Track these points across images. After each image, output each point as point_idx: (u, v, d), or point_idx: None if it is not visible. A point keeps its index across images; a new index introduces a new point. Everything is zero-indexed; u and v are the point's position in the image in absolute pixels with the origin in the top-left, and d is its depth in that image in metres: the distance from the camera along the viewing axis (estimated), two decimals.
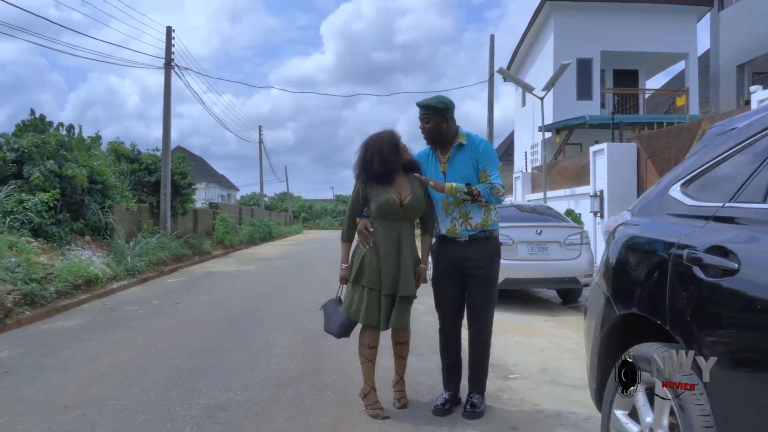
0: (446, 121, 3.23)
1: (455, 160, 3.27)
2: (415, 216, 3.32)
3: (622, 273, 2.21)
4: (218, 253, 18.26)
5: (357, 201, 3.28)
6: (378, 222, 3.23)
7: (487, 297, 3.28)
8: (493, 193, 3.13)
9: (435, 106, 3.20)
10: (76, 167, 11.97)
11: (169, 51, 16.26)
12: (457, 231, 3.26)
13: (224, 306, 7.23)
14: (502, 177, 3.25)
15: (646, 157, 10.30)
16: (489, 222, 3.27)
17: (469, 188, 3.13)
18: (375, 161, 3.17)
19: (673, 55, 18.23)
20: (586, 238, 7.05)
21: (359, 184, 3.28)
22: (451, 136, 3.28)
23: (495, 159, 3.25)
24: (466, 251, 3.24)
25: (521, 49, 20.73)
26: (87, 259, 10.88)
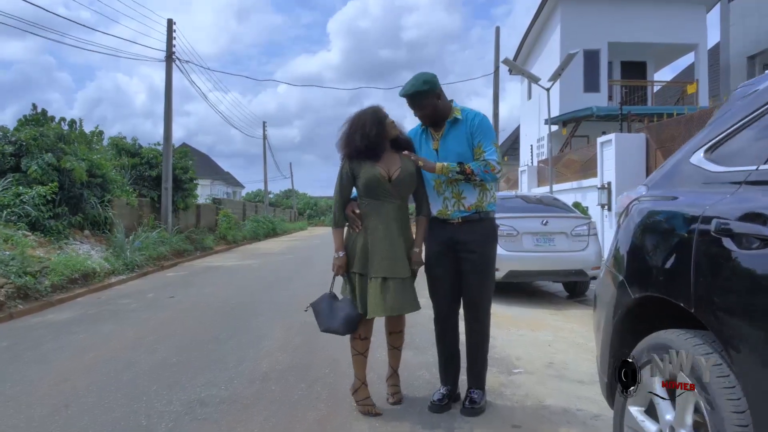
0: (439, 97, 3.00)
1: (449, 135, 3.04)
2: (406, 192, 3.07)
3: (638, 252, 1.97)
4: (220, 248, 18.07)
5: (344, 180, 3.04)
6: (367, 201, 3.00)
7: (483, 282, 3.04)
8: (488, 170, 2.89)
9: (422, 90, 2.94)
10: (75, 160, 11.82)
11: (170, 44, 16.07)
12: (449, 212, 3.04)
13: (220, 299, 7.02)
14: (498, 152, 2.99)
15: (656, 147, 10.00)
16: (484, 203, 3.04)
17: (461, 167, 2.90)
18: (357, 137, 2.95)
19: (683, 46, 17.86)
20: (593, 229, 6.79)
21: (345, 162, 3.04)
22: (446, 111, 3.05)
23: (491, 133, 2.99)
24: (459, 233, 3.02)
25: (527, 41, 20.41)
26: (85, 253, 10.74)
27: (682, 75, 22.18)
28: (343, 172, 3.03)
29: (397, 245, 2.95)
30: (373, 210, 2.98)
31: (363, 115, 2.99)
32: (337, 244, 3.03)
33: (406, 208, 3.11)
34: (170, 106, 16.05)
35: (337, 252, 3.01)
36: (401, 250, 2.97)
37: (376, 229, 2.95)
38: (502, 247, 6.77)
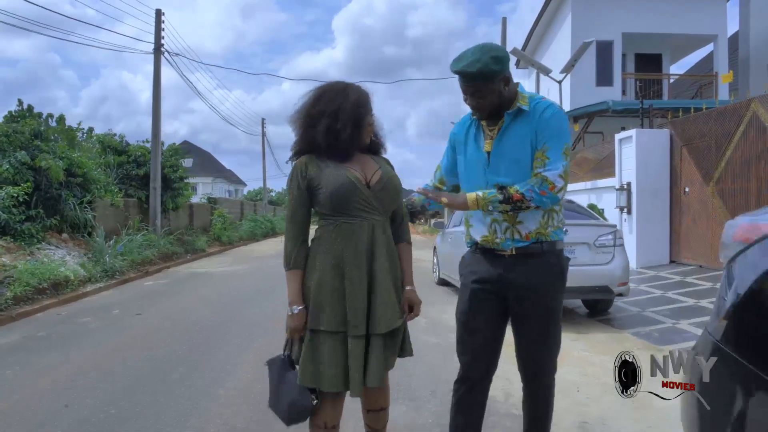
0: (507, 83, 2.08)
1: (508, 133, 2.11)
2: (391, 204, 2.13)
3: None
4: (214, 250, 17.26)
5: (298, 193, 2.04)
6: (333, 221, 2.04)
7: (545, 337, 2.17)
8: (545, 190, 1.98)
9: (489, 71, 1.99)
10: (51, 159, 11.00)
11: (158, 35, 15.23)
12: (498, 241, 2.14)
13: (191, 318, 6.16)
14: (567, 163, 2.06)
15: (681, 144, 9.09)
16: (548, 229, 2.13)
17: (504, 193, 2.01)
18: (322, 127, 2.00)
19: (701, 37, 16.89)
20: (620, 238, 5.91)
21: (299, 163, 2.07)
22: (509, 99, 2.11)
23: (563, 134, 2.07)
24: (512, 271, 2.13)
25: (535, 33, 19.47)
26: (59, 259, 9.92)
27: (698, 66, 21.22)
28: (298, 181, 2.04)
29: (385, 284, 2.03)
30: (343, 234, 2.02)
31: (339, 96, 2.03)
32: (293, 292, 2.03)
33: (389, 225, 2.15)
34: (158, 100, 15.22)
35: (292, 306, 2.01)
36: (391, 291, 2.05)
37: (353, 263, 2.00)
38: None
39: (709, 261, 8.37)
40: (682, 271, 8.56)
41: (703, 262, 8.53)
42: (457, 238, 7.68)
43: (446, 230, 8.68)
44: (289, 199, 2.08)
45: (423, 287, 9.27)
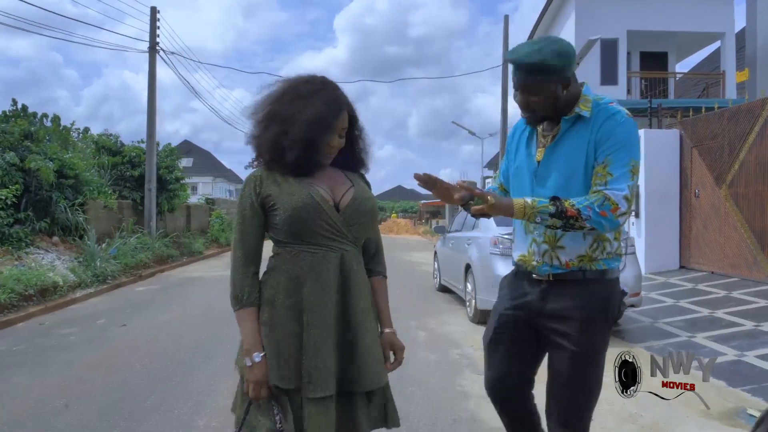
0: (567, 85, 1.77)
1: (563, 142, 1.82)
2: (364, 230, 1.71)
3: None
4: (211, 252, 16.97)
5: (251, 215, 1.63)
6: (290, 249, 1.63)
7: (579, 381, 1.82)
8: (606, 212, 1.65)
9: (547, 65, 1.72)
10: (41, 160, 10.70)
11: (153, 33, 14.92)
12: (535, 263, 1.86)
13: (176, 331, 5.83)
14: (634, 182, 1.72)
15: (691, 145, 8.75)
16: (598, 255, 1.81)
17: (557, 205, 1.68)
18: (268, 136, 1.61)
19: (708, 35, 16.52)
20: (631, 246, 5.58)
21: (253, 178, 1.65)
22: (570, 104, 1.81)
23: (630, 147, 1.73)
24: (546, 299, 1.85)
25: (538, 31, 19.10)
26: (48, 264, 9.62)
27: (703, 64, 20.87)
28: (251, 198, 1.62)
29: (360, 329, 1.63)
30: (302, 266, 1.60)
31: (301, 100, 1.60)
32: (250, 336, 1.59)
33: (361, 255, 1.73)
34: (154, 99, 14.91)
35: (252, 355, 1.57)
36: (367, 338, 1.65)
37: (314, 303, 1.58)
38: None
39: (722, 267, 8.03)
40: (693, 277, 8.23)
41: (715, 268, 8.20)
42: (458, 242, 7.36)
43: (447, 234, 8.36)
44: (238, 219, 1.64)
45: (423, 294, 9.04)
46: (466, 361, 4.66)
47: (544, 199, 1.72)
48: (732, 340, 5.09)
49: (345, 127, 1.66)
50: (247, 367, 1.58)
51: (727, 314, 5.97)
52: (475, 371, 4.31)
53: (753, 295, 6.65)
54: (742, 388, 3.96)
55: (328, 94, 1.63)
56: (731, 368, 4.37)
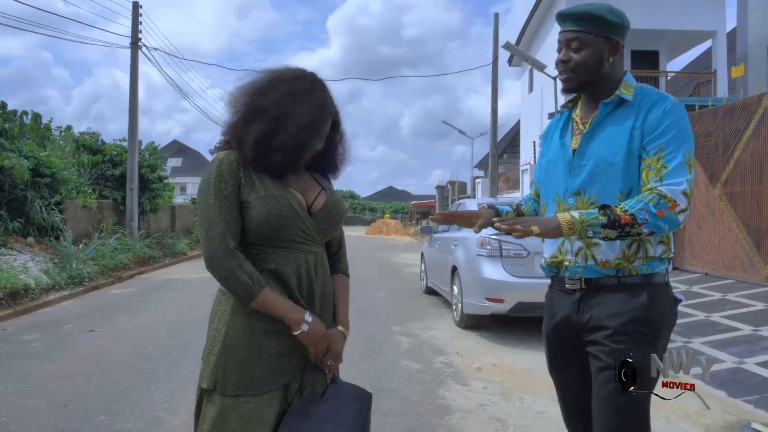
0: (613, 51, 1.64)
1: (602, 127, 1.64)
2: (332, 232, 1.66)
3: None
4: (196, 253, 16.57)
5: (235, 195, 1.48)
6: (257, 251, 1.51)
7: (618, 404, 1.55)
8: (663, 210, 1.45)
9: (601, 15, 1.61)
10: (16, 158, 10.34)
11: (135, 29, 14.54)
12: (567, 263, 1.67)
13: (146, 337, 5.49)
14: (692, 177, 1.52)
15: None
16: (636, 261, 1.59)
17: (608, 214, 1.47)
18: (253, 133, 1.47)
19: (699, 33, 16.38)
20: None
21: (228, 160, 1.49)
22: (611, 82, 1.65)
23: (685, 137, 1.54)
24: (580, 310, 1.65)
25: (528, 29, 18.88)
26: (21, 266, 9.24)
27: (695, 63, 20.79)
28: (234, 180, 1.48)
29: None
30: (271, 269, 1.50)
31: (291, 100, 1.48)
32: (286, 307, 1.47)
33: (326, 259, 1.66)
34: (136, 96, 14.54)
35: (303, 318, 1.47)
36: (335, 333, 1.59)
37: None
38: (509, 272, 5.31)
39: (717, 269, 7.80)
40: (688, 279, 7.99)
41: (709, 269, 7.97)
42: (445, 243, 7.08)
43: (434, 235, 8.08)
44: (218, 202, 1.46)
45: (409, 297, 8.74)
46: (450, 370, 4.36)
47: (593, 210, 1.51)
48: (730, 345, 4.84)
49: (327, 130, 1.58)
50: (301, 333, 1.47)
51: (724, 318, 5.73)
52: (459, 382, 4.02)
53: (749, 298, 6.41)
54: (743, 399, 3.70)
55: (319, 96, 1.53)
56: (731, 377, 4.12)
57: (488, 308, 5.38)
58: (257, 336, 1.47)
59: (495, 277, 5.32)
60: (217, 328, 1.52)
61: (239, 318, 1.49)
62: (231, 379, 1.45)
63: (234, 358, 1.47)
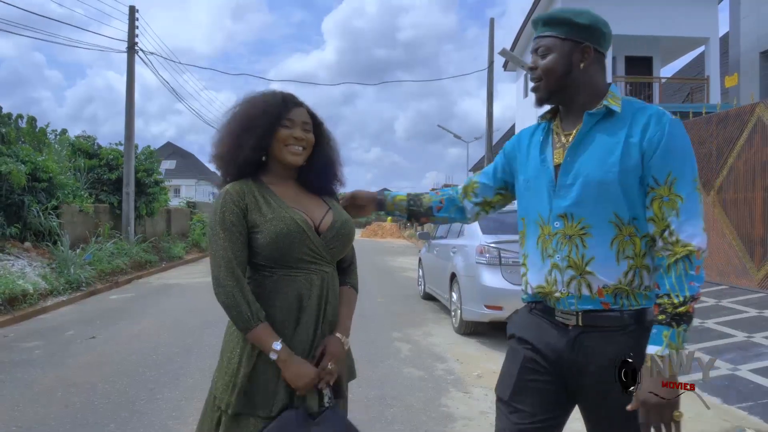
0: (584, 56, 1.49)
1: (589, 141, 1.48)
2: (342, 251, 1.69)
3: None
4: (192, 257, 16.59)
5: (240, 230, 1.53)
6: (267, 273, 1.57)
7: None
8: (699, 265, 1.36)
9: (567, 18, 1.48)
10: (13, 163, 10.33)
11: (132, 33, 14.54)
12: (558, 295, 1.49)
13: (148, 344, 5.53)
14: (701, 198, 1.43)
15: None
16: (636, 289, 1.44)
17: (675, 315, 1.34)
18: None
19: (692, 40, 16.57)
20: None
21: (235, 193, 1.56)
22: (590, 93, 1.51)
23: (690, 157, 1.42)
24: (576, 350, 1.47)
25: (524, 35, 19.03)
26: (18, 271, 9.23)
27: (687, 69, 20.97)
28: (236, 213, 1.53)
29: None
30: (281, 290, 1.56)
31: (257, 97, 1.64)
32: (270, 336, 1.49)
33: (337, 276, 1.70)
34: (132, 101, 14.54)
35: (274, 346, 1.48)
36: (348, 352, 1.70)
37: (295, 328, 1.56)
38: (508, 280, 5.39)
39: (710, 275, 7.91)
40: None
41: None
42: (443, 250, 7.15)
43: (432, 241, 8.15)
44: (223, 236, 1.52)
45: (407, 302, 8.79)
46: (451, 377, 4.44)
47: (665, 328, 1.33)
48: (724, 352, 4.94)
49: (306, 121, 1.62)
50: (280, 362, 1.49)
51: (718, 324, 5.82)
52: (461, 390, 4.10)
53: (743, 304, 6.52)
54: (738, 406, 3.79)
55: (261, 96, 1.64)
56: (725, 384, 4.21)
57: (487, 315, 5.47)
58: (269, 359, 1.51)
59: (494, 285, 5.41)
60: (232, 350, 1.56)
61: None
62: (247, 400, 1.50)
63: (248, 380, 1.51)
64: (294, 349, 1.52)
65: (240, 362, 1.52)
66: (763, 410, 3.68)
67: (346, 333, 1.66)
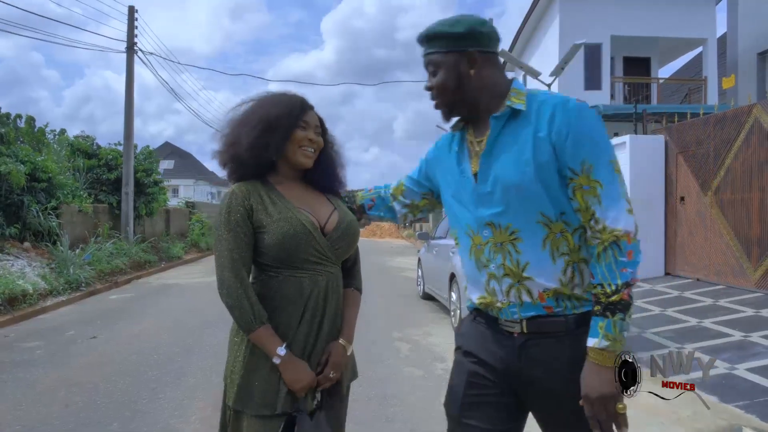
0: (472, 63, 1.43)
1: (500, 146, 1.43)
2: (348, 252, 1.70)
3: None
4: (191, 257, 16.62)
5: (245, 231, 1.55)
6: (273, 274, 1.59)
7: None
8: (632, 250, 1.31)
9: (444, 31, 1.43)
10: (12, 163, 10.34)
11: (131, 33, 14.57)
12: (500, 305, 1.44)
13: (148, 344, 5.56)
14: (624, 183, 1.37)
15: (677, 151, 8.69)
16: (576, 289, 1.39)
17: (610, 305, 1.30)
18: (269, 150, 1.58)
19: (690, 40, 16.61)
20: None
21: (240, 194, 1.58)
22: (491, 95, 1.46)
23: (603, 139, 1.36)
24: (523, 359, 1.42)
25: (522, 36, 19.08)
26: (18, 271, 9.25)
27: (685, 70, 21.04)
28: (241, 214, 1.55)
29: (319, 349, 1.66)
30: (288, 292, 1.57)
31: (266, 99, 1.66)
32: (275, 341, 1.52)
33: (342, 277, 1.72)
34: (131, 101, 14.56)
35: (278, 351, 1.51)
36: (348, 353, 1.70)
37: (298, 327, 1.57)
38: None
39: (707, 274, 7.97)
40: (679, 285, 8.15)
41: (700, 275, 8.13)
42: (442, 250, 7.19)
43: (431, 241, 8.19)
44: (228, 237, 1.54)
45: (407, 302, 8.84)
46: None
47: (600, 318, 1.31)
48: (722, 351, 4.98)
49: (317, 124, 1.66)
50: (281, 364, 1.53)
51: (715, 324, 5.87)
52: None
53: (739, 304, 6.57)
54: (734, 404, 3.83)
55: (281, 96, 1.65)
56: (722, 382, 4.25)
57: None
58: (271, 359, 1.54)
59: None
60: (238, 350, 1.58)
61: None
62: (253, 400, 1.53)
63: (253, 379, 1.54)
64: (295, 347, 1.55)
65: (244, 361, 1.55)
66: (759, 408, 3.72)
67: (350, 340, 1.67)
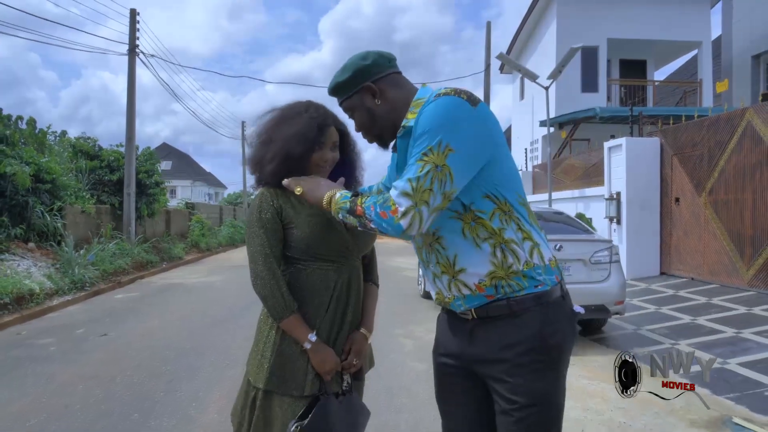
0: (373, 94, 1.53)
1: (404, 159, 1.53)
2: (367, 247, 1.88)
3: None
4: (191, 257, 16.73)
5: (275, 228, 1.70)
6: (302, 266, 1.74)
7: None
8: (386, 212, 1.35)
9: (336, 83, 1.56)
10: (17, 164, 10.46)
11: (133, 36, 14.69)
12: (448, 299, 1.53)
13: (159, 340, 5.72)
14: (429, 173, 1.32)
15: (672, 153, 8.89)
16: (514, 270, 1.41)
17: (353, 201, 1.44)
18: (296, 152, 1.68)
19: (685, 44, 16.87)
20: (615, 254, 5.63)
21: (269, 194, 1.73)
22: (401, 114, 1.52)
23: (433, 128, 1.35)
24: (473, 342, 1.50)
25: (519, 38, 19.29)
26: (24, 271, 9.39)
27: (680, 72, 21.27)
28: (271, 212, 1.70)
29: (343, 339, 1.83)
30: (315, 283, 1.73)
31: (296, 113, 1.74)
32: (305, 327, 1.69)
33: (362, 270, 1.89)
34: (133, 103, 14.68)
35: (309, 337, 1.68)
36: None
37: (324, 316, 1.74)
38: None
39: (701, 274, 8.16)
40: (674, 284, 8.34)
41: (695, 274, 8.33)
42: None
43: None
44: (259, 233, 1.69)
45: (408, 301, 9.00)
46: None
47: (348, 193, 1.48)
48: (714, 347, 5.16)
49: (335, 141, 1.76)
50: (310, 347, 1.68)
51: (709, 321, 6.06)
52: None
53: (732, 302, 6.76)
54: (726, 396, 4.00)
55: (311, 113, 1.73)
56: (715, 376, 4.42)
57: None
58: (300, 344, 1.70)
59: None
60: (268, 336, 1.73)
61: None
62: (284, 381, 1.68)
63: (284, 363, 1.69)
64: (321, 334, 1.70)
65: (274, 346, 1.70)
66: (749, 400, 3.90)
67: (370, 329, 1.84)
